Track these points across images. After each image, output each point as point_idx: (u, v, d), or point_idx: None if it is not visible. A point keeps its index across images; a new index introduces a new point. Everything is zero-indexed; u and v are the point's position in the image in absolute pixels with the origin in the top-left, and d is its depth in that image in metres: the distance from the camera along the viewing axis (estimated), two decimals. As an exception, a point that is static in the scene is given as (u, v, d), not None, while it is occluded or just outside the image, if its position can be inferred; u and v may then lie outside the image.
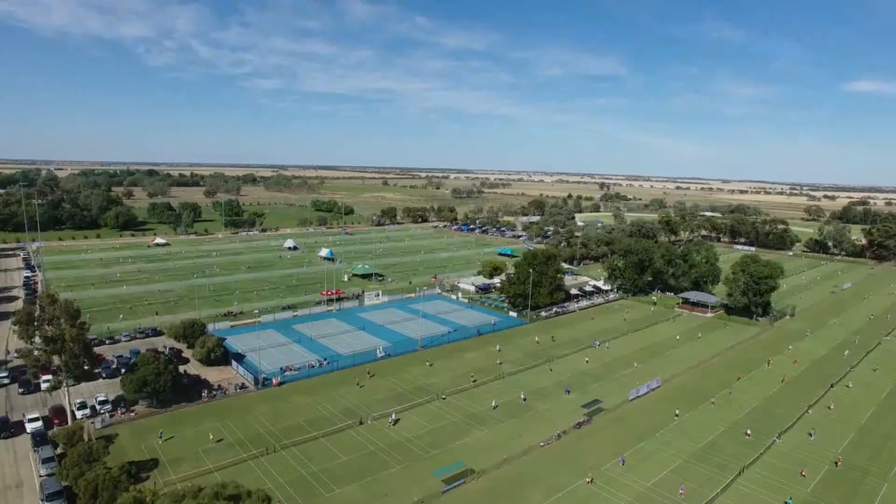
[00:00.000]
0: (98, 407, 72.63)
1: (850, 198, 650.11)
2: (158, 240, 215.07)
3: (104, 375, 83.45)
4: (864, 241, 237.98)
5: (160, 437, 65.33)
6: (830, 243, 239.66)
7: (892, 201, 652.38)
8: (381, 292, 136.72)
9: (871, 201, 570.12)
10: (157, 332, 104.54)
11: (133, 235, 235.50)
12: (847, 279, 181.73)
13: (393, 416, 72.84)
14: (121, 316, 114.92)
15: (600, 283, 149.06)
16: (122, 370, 79.93)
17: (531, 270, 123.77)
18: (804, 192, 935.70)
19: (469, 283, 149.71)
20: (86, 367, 73.11)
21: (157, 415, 72.36)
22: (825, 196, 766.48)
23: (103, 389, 78.47)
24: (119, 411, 72.34)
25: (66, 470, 53.57)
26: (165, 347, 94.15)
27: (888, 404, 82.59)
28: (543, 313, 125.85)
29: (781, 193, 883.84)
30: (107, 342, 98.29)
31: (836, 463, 63.99)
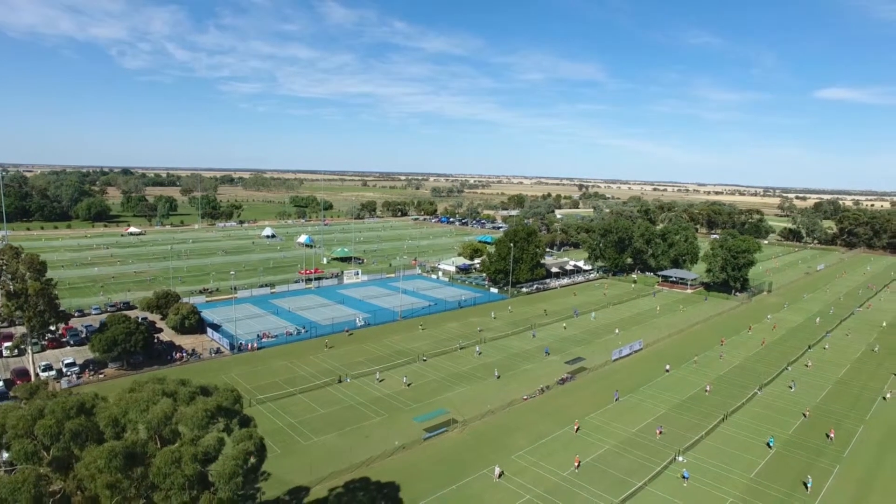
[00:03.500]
0: (65, 369, 69.69)
1: (821, 198, 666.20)
2: (133, 229, 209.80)
3: (72, 343, 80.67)
4: (835, 229, 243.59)
5: None
6: (804, 231, 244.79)
7: (860, 202, 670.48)
8: (360, 271, 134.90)
9: (841, 201, 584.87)
10: (129, 306, 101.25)
11: (106, 226, 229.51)
12: (820, 263, 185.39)
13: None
14: (100, 294, 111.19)
15: (580, 263, 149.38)
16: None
17: (512, 246, 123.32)
18: (777, 194, 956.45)
19: (450, 264, 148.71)
20: (51, 327, 70.50)
21: (128, 376, 69.68)
22: (797, 197, 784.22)
23: (71, 356, 75.49)
24: (87, 373, 69.51)
25: (29, 417, 50.82)
26: (138, 318, 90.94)
27: (862, 362, 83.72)
28: (524, 289, 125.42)
29: (756, 195, 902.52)
30: (76, 314, 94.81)
31: (804, 414, 64.07)
